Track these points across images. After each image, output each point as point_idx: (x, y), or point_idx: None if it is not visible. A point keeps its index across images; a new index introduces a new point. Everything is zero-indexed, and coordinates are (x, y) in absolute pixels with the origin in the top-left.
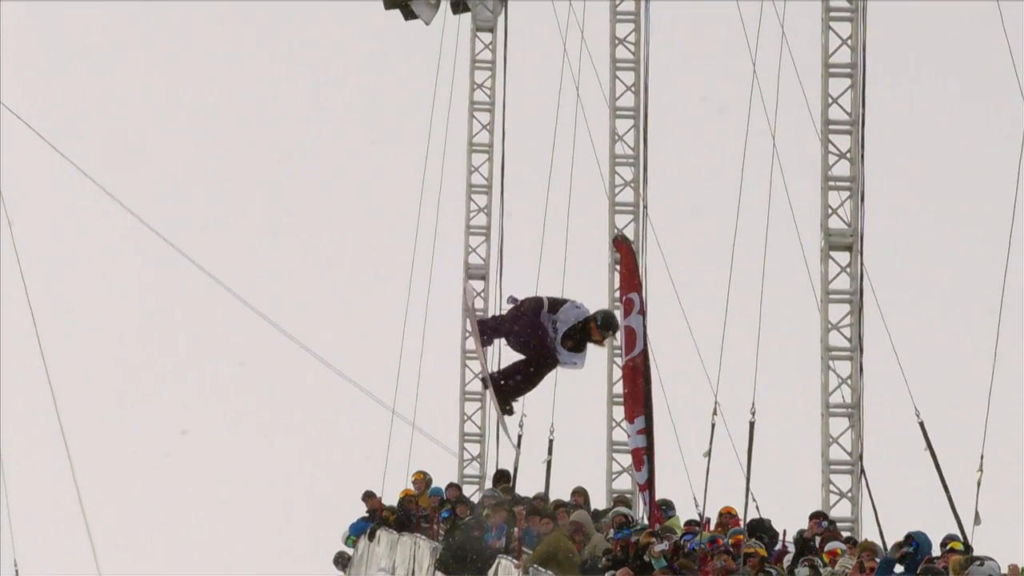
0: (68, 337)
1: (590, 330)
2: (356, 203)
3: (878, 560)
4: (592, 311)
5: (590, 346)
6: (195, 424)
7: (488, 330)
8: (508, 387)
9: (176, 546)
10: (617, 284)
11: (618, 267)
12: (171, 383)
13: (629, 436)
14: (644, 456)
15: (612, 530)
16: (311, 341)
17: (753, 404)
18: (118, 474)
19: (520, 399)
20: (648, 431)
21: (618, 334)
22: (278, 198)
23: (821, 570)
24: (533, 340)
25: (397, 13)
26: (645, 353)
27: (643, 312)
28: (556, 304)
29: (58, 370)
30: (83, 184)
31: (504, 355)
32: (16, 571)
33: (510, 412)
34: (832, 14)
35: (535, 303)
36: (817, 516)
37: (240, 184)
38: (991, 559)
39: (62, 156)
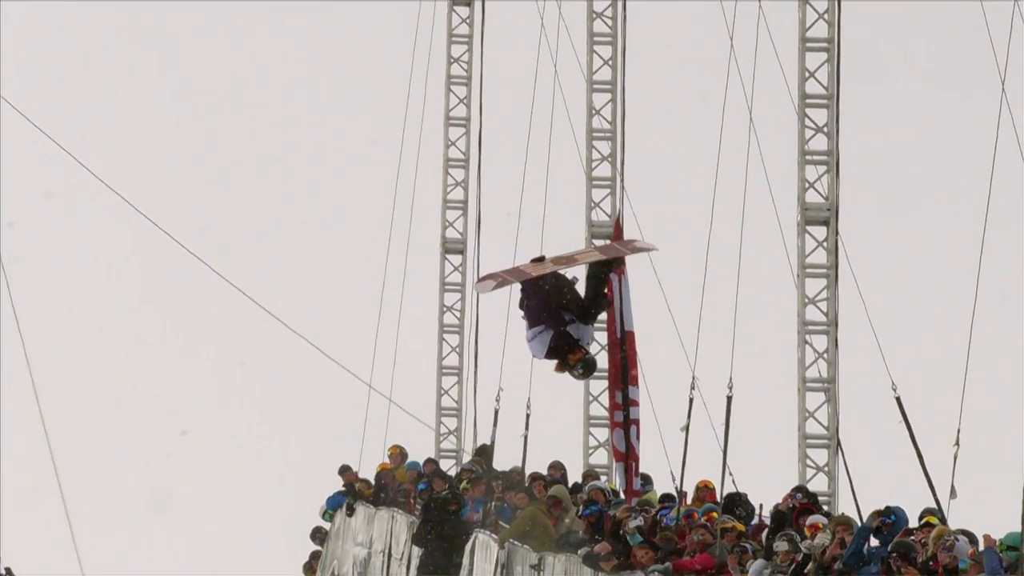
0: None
1: (575, 350)
2: (332, 177)
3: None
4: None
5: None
6: (164, 399)
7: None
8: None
9: (153, 519)
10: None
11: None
12: (149, 358)
13: (636, 404)
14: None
15: (582, 506)
16: (288, 316)
17: (730, 379)
18: (85, 422)
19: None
20: (625, 404)
21: (622, 307)
22: (254, 172)
23: (800, 544)
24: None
25: None
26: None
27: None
28: (586, 314)
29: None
30: (80, 179)
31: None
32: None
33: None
34: None
35: (568, 294)
36: (796, 490)
37: (216, 158)
38: (965, 534)
39: (68, 154)
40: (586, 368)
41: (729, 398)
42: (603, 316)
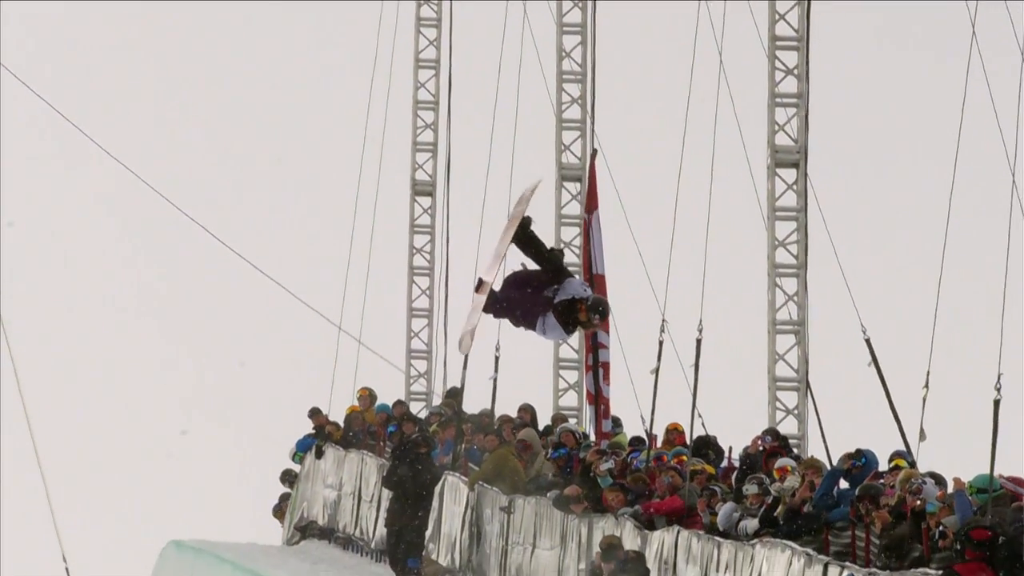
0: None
1: (578, 308)
2: (302, 120)
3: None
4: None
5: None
6: (133, 339)
7: (491, 303)
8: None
9: (119, 454)
10: (565, 200)
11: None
12: (114, 294)
13: (605, 347)
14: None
15: (551, 449)
16: (258, 257)
17: (700, 321)
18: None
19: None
20: (594, 347)
21: (592, 249)
22: (224, 115)
23: (770, 487)
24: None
25: None
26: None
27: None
28: (553, 275)
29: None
30: (45, 125)
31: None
32: None
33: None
34: None
35: (529, 278)
36: (765, 433)
37: (185, 103)
38: (933, 476)
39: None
40: (600, 311)
41: (699, 340)
42: (574, 260)
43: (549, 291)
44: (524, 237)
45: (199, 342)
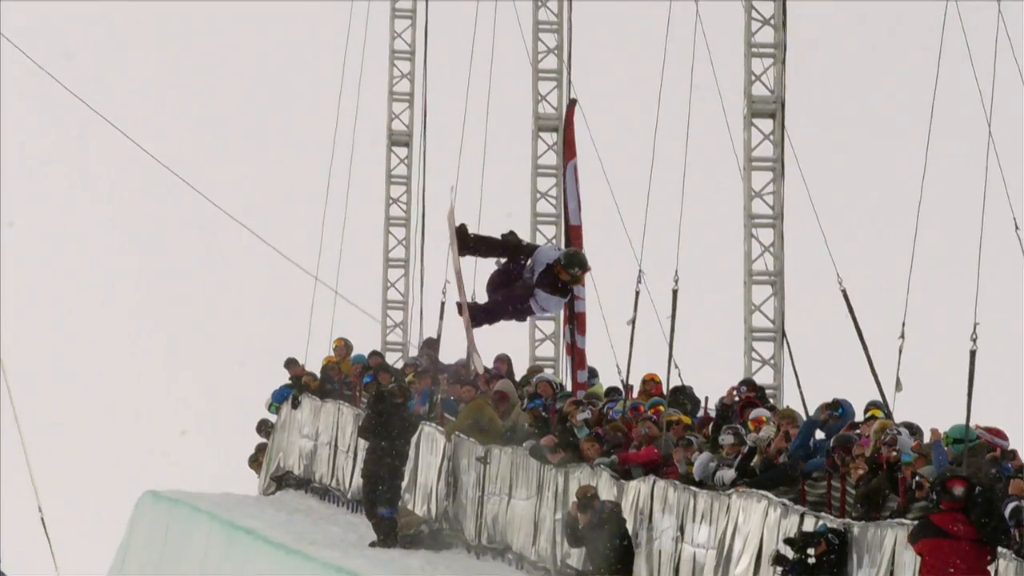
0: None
1: (556, 272)
2: (278, 71)
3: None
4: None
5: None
6: (113, 290)
7: (481, 314)
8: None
9: (96, 405)
10: (541, 150)
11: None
12: (95, 250)
13: (580, 299)
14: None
15: (527, 399)
16: (234, 207)
17: (676, 272)
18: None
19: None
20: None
21: (566, 198)
22: (201, 65)
23: (745, 437)
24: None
25: None
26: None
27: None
28: (527, 251)
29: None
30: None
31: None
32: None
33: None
34: None
35: (508, 271)
36: (741, 384)
37: (162, 55)
38: (908, 426)
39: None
40: (577, 263)
41: (675, 291)
42: (550, 211)
43: (526, 272)
44: (471, 245)
45: (175, 291)
